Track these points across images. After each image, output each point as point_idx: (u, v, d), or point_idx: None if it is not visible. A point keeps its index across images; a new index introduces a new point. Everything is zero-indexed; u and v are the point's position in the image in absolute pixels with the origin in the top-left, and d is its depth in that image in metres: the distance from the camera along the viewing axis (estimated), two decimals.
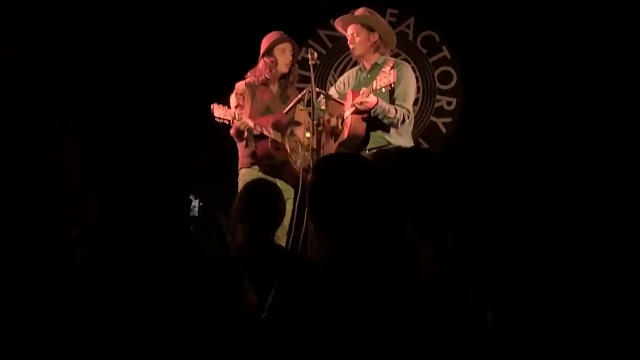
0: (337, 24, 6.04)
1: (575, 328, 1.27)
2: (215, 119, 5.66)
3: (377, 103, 5.55)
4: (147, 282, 2.19)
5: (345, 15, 6.01)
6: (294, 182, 5.85)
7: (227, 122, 5.71)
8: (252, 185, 4.21)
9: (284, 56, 6.02)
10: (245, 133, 5.79)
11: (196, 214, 2.86)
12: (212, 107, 5.64)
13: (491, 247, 1.24)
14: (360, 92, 5.65)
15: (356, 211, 2.43)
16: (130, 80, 7.43)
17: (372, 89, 5.55)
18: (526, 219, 1.27)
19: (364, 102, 5.57)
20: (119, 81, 7.39)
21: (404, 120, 5.70)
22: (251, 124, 5.73)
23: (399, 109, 5.67)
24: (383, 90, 5.54)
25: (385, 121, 5.68)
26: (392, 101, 5.75)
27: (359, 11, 5.91)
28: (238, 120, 5.69)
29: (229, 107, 5.82)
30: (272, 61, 5.98)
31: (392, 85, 5.45)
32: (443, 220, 3.14)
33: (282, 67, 6.01)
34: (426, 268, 2.43)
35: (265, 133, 5.80)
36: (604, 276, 1.28)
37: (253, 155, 5.91)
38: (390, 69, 5.61)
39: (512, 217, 1.26)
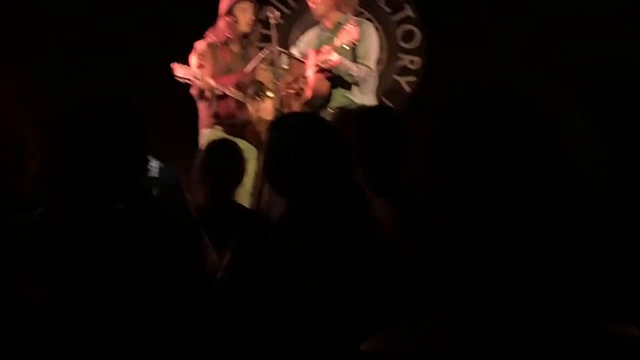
0: None
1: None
2: (177, 78, 5.62)
3: (339, 60, 5.54)
4: (102, 238, 2.15)
5: None
6: (256, 142, 5.83)
7: (189, 82, 5.67)
8: (212, 144, 4.22)
9: (245, 15, 5.96)
10: (207, 93, 5.75)
11: (156, 175, 2.83)
12: (173, 66, 5.60)
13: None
14: (323, 50, 5.62)
15: (310, 170, 2.41)
16: (88, 36, 7.33)
17: (335, 47, 5.53)
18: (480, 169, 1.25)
19: (327, 60, 5.55)
20: (76, 36, 7.30)
21: (366, 79, 5.69)
22: (213, 83, 5.69)
23: (361, 66, 5.66)
24: (346, 47, 5.52)
25: (348, 79, 5.67)
26: (354, 59, 5.73)
27: None
28: (200, 80, 5.64)
29: (190, 66, 5.77)
30: (233, 20, 5.92)
31: (356, 43, 5.44)
32: (409, 177, 3.15)
33: (244, 27, 5.96)
34: (381, 222, 2.43)
35: (227, 92, 5.76)
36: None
37: (215, 115, 5.88)
38: (356, 28, 5.59)
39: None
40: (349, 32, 5.47)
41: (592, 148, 2.68)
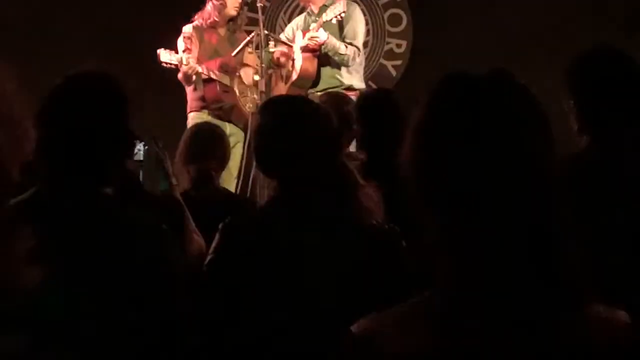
0: None
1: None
2: (162, 64, 5.61)
3: (327, 39, 5.55)
4: (87, 224, 2.15)
5: None
6: (243, 125, 5.83)
7: (175, 67, 5.66)
8: (195, 128, 4.23)
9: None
10: (194, 77, 5.74)
11: (141, 158, 2.83)
12: (158, 52, 5.59)
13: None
14: (310, 28, 5.62)
15: (298, 153, 2.43)
16: (75, 23, 7.30)
17: (322, 22, 5.53)
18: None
19: (314, 37, 5.55)
20: (63, 18, 7.28)
21: (354, 58, 5.70)
22: (199, 68, 5.68)
23: (349, 46, 5.66)
24: (333, 21, 5.53)
25: (337, 58, 5.68)
26: (342, 39, 5.74)
27: None
28: (186, 65, 5.63)
29: (177, 51, 5.76)
30: (220, 4, 5.90)
31: (342, 16, 5.45)
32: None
33: (231, 10, 5.94)
34: (368, 207, 2.44)
35: (214, 77, 5.76)
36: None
37: (202, 99, 5.87)
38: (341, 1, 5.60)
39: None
40: (336, 6, 5.49)
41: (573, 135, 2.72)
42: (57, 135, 2.17)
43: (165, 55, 5.60)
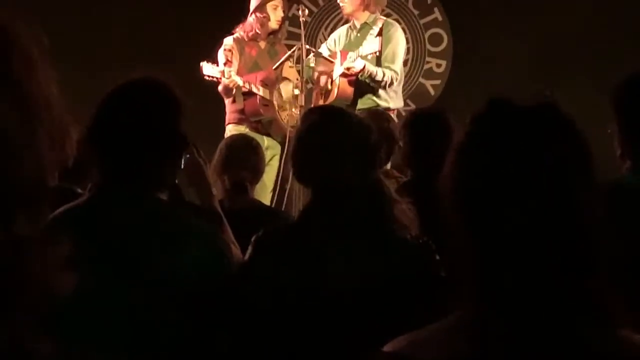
0: None
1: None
2: (205, 77, 5.64)
3: (363, 68, 5.57)
4: (145, 229, 2.18)
5: None
6: (281, 139, 5.85)
7: (217, 80, 5.69)
8: (231, 140, 4.22)
9: (276, 13, 5.98)
10: (234, 90, 5.77)
11: (181, 166, 2.84)
12: (201, 65, 5.62)
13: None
14: (347, 57, 5.66)
15: (335, 161, 2.43)
16: (120, 34, 7.39)
17: (359, 55, 5.59)
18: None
19: (351, 67, 5.60)
20: (108, 33, 7.36)
21: (392, 83, 5.73)
22: (240, 82, 5.71)
23: (387, 71, 5.69)
24: (369, 57, 5.58)
25: (373, 85, 5.71)
26: (380, 63, 5.76)
27: None
28: (227, 78, 5.66)
29: (217, 62, 5.80)
30: (264, 17, 5.94)
31: (377, 53, 5.50)
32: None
33: (274, 24, 5.98)
34: (403, 224, 2.44)
35: (254, 90, 5.78)
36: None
37: (241, 111, 5.90)
38: (377, 35, 5.64)
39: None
40: (372, 43, 5.55)
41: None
42: (113, 142, 2.21)
43: (207, 68, 5.63)
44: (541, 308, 1.25)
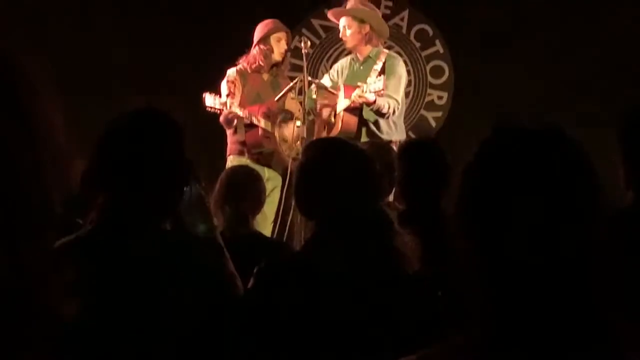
0: (330, 15, 6.11)
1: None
2: (207, 109, 5.66)
3: (375, 101, 5.59)
4: (148, 260, 2.18)
5: (337, 8, 6.04)
6: (282, 171, 5.86)
7: (219, 111, 5.71)
8: (231, 171, 4.24)
9: (279, 45, 6.01)
10: (235, 122, 5.79)
11: (183, 197, 2.84)
12: (203, 96, 5.64)
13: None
14: (355, 91, 5.66)
15: (338, 197, 2.43)
16: (122, 64, 7.43)
17: (363, 91, 5.61)
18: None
19: (362, 97, 5.59)
20: (110, 63, 7.41)
21: (393, 113, 5.74)
22: (241, 113, 5.72)
23: (390, 101, 5.70)
24: (372, 97, 5.61)
25: (377, 116, 5.73)
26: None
27: (351, 2, 5.92)
28: (228, 110, 5.68)
29: (220, 93, 5.82)
30: (267, 49, 5.97)
31: (382, 94, 5.53)
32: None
33: (277, 56, 6.01)
34: (406, 256, 2.44)
35: (256, 122, 5.80)
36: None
37: (242, 143, 5.91)
38: (381, 72, 5.65)
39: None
40: (377, 82, 5.58)
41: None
42: (114, 172, 2.20)
43: (210, 100, 5.65)
44: (551, 332, 1.25)
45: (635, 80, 6.98)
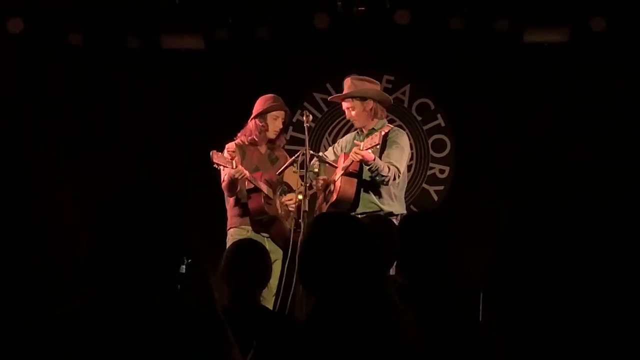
0: (333, 99, 6.19)
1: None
2: (214, 165, 5.67)
3: (374, 159, 5.59)
4: (138, 334, 2.15)
5: (337, 95, 6.09)
6: (282, 243, 5.84)
7: (225, 167, 5.71)
8: (238, 244, 4.22)
9: (275, 123, 6.03)
10: (239, 185, 5.79)
11: (183, 271, 2.82)
12: (211, 153, 5.65)
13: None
14: (354, 149, 5.67)
15: (341, 272, 2.43)
16: (121, 137, 7.49)
17: (359, 149, 5.60)
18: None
19: (363, 154, 5.58)
20: (112, 129, 7.50)
21: (394, 179, 5.72)
22: (247, 173, 5.73)
23: (391, 167, 5.69)
24: (370, 152, 5.59)
25: (377, 179, 5.70)
26: (384, 158, 5.78)
27: (347, 82, 5.95)
28: (235, 169, 5.68)
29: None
30: (262, 125, 6.00)
31: (378, 146, 5.52)
32: (453, 281, 3.20)
33: (271, 134, 6.03)
34: (406, 333, 2.42)
35: (259, 187, 5.81)
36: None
37: (243, 214, 5.91)
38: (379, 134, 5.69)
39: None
40: (373, 137, 5.59)
41: None
42: (111, 246, 2.19)
43: (217, 156, 5.68)
44: None
45: None
